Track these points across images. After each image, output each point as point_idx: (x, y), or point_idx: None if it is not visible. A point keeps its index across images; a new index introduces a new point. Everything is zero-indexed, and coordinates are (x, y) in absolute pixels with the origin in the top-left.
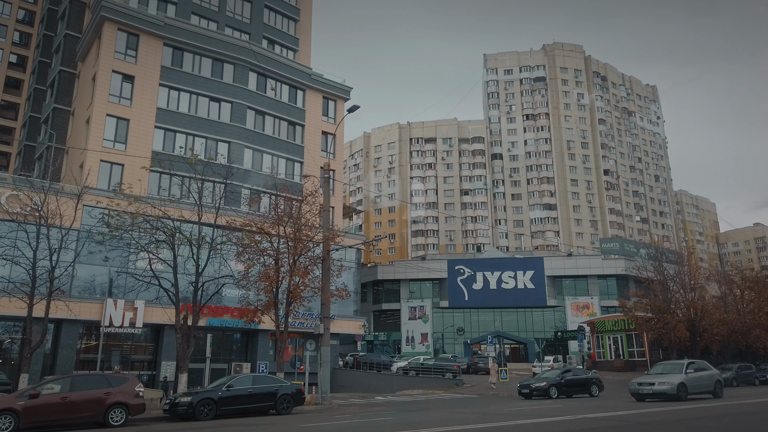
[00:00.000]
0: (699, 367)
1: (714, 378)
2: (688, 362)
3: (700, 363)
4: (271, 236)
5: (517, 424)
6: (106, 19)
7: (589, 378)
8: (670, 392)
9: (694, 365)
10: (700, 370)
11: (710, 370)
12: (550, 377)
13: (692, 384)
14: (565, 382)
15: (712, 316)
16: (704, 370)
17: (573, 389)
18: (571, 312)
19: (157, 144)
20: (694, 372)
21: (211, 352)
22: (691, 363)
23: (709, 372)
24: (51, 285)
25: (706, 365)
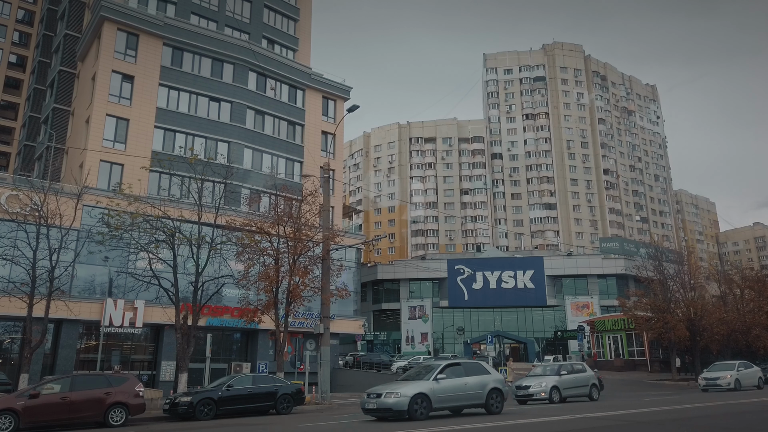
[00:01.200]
0: (576, 369)
1: (590, 381)
2: (561, 365)
3: (567, 365)
4: (271, 236)
5: (517, 424)
6: (105, 19)
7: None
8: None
9: (566, 367)
10: (576, 371)
11: (585, 372)
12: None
13: (565, 387)
14: None
15: (711, 315)
16: (579, 372)
17: None
18: (571, 311)
19: (157, 144)
20: (567, 374)
21: (211, 351)
22: (563, 365)
23: (584, 375)
24: (51, 285)
25: (583, 366)
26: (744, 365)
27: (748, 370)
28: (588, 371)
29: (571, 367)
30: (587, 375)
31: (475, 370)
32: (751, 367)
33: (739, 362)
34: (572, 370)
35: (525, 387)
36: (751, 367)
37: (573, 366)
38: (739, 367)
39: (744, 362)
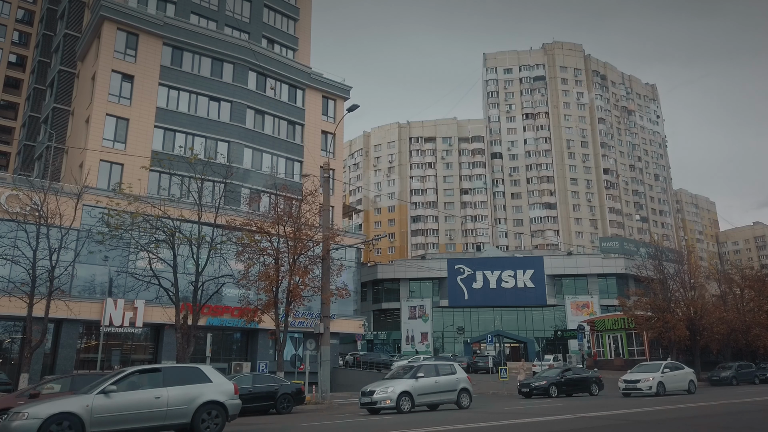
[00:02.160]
0: (441, 370)
1: (458, 385)
2: (421, 365)
3: None
4: (271, 235)
5: (517, 423)
6: (105, 19)
7: (588, 377)
8: None
9: None
10: (442, 373)
11: (454, 374)
12: (550, 376)
13: (422, 392)
14: (564, 381)
15: (711, 314)
16: (445, 374)
17: (573, 388)
18: (570, 311)
19: (157, 143)
20: (426, 377)
21: (211, 351)
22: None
23: (450, 378)
24: (51, 285)
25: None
26: (672, 366)
27: (676, 371)
28: (458, 373)
29: (435, 368)
30: (454, 378)
31: (446, 370)
32: (680, 368)
33: (666, 362)
34: (435, 372)
35: (369, 393)
36: (680, 369)
37: (438, 367)
38: (665, 369)
39: (673, 363)
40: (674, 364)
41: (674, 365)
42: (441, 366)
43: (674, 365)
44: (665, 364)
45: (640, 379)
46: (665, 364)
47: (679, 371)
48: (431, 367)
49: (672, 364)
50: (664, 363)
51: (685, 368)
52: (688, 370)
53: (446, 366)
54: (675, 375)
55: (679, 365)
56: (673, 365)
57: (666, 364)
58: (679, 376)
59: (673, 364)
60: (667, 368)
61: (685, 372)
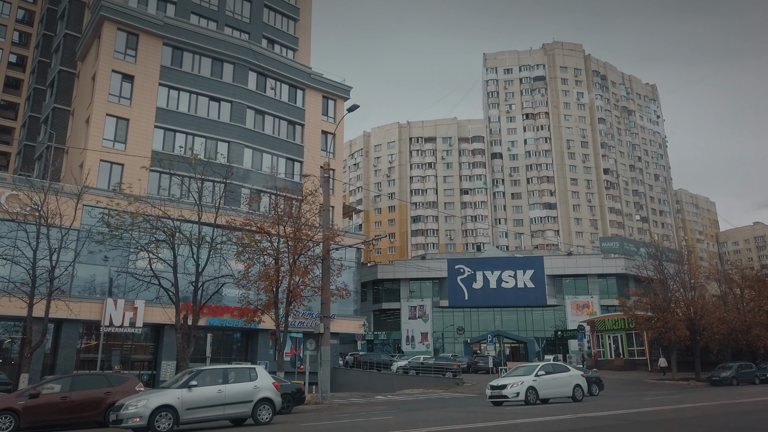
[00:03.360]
0: (233, 376)
1: (256, 395)
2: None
3: None
4: (271, 236)
5: (517, 423)
6: (105, 19)
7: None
8: None
9: None
10: (231, 380)
11: (253, 381)
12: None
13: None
14: None
15: (712, 314)
16: (236, 381)
17: None
18: (571, 311)
19: (157, 144)
20: (200, 386)
21: (212, 351)
22: None
23: (245, 385)
24: (51, 285)
25: None
26: (550, 368)
27: (556, 375)
28: (258, 381)
29: (223, 373)
30: (252, 386)
31: (240, 376)
32: (564, 370)
33: (543, 364)
34: (222, 379)
35: (118, 407)
36: (563, 371)
37: (227, 372)
38: (539, 371)
39: (555, 364)
40: (557, 365)
41: (556, 367)
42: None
43: (556, 367)
44: (542, 366)
45: (506, 384)
46: (542, 366)
47: (560, 374)
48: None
49: (553, 365)
50: (540, 364)
51: (570, 370)
52: (575, 373)
53: (239, 371)
54: (554, 379)
55: (562, 367)
56: (554, 367)
57: (543, 366)
58: (560, 380)
59: (554, 366)
60: (542, 370)
61: (569, 375)
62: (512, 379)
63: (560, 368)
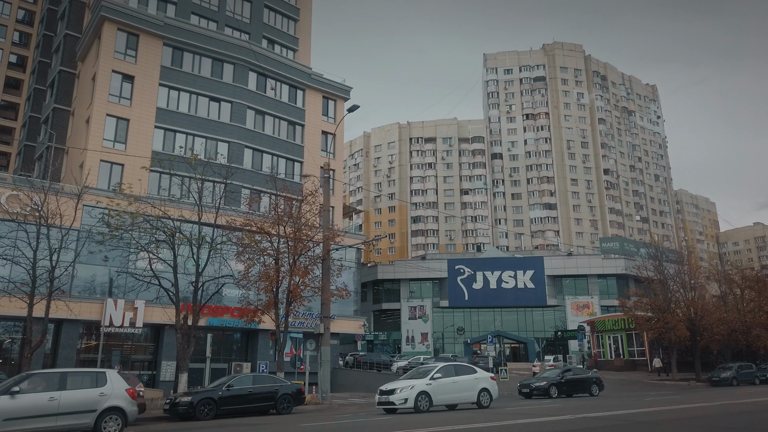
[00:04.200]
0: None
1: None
2: None
3: None
4: (271, 236)
5: (517, 423)
6: (105, 19)
7: (589, 377)
8: None
9: None
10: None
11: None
12: (551, 376)
13: None
14: (565, 382)
15: (712, 315)
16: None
17: (573, 389)
18: (571, 311)
19: (157, 144)
20: None
21: (212, 351)
22: None
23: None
24: (51, 285)
25: None
26: (452, 370)
27: (458, 378)
28: (107, 387)
29: (59, 378)
30: (97, 393)
31: (82, 381)
32: (470, 372)
33: (443, 365)
34: (59, 384)
35: None
36: (469, 373)
37: (64, 376)
38: (436, 374)
39: (456, 365)
40: (461, 366)
41: (459, 368)
42: None
43: (459, 368)
44: (441, 367)
45: (395, 389)
46: (441, 367)
47: (463, 377)
48: None
49: (456, 366)
50: (439, 365)
51: (477, 372)
52: (482, 375)
53: None
54: (454, 383)
55: (467, 368)
56: (456, 368)
57: (443, 367)
58: (462, 384)
59: (457, 367)
60: (440, 373)
61: (474, 378)
62: (403, 383)
63: (464, 370)
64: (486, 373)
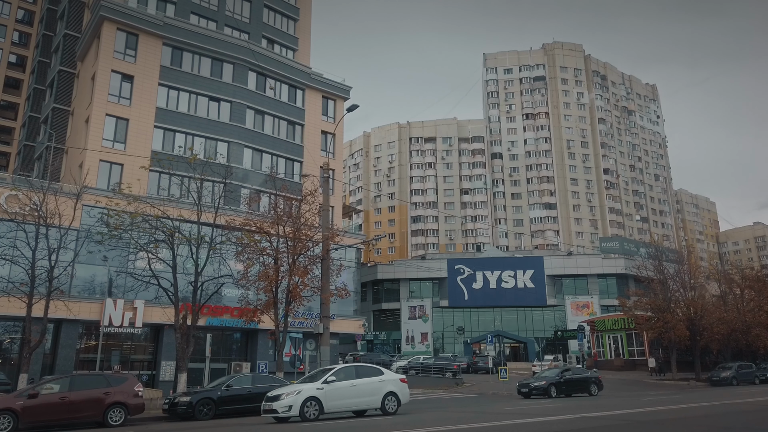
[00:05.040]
0: None
1: None
2: None
3: None
4: (271, 235)
5: (516, 423)
6: (105, 19)
7: (588, 377)
8: None
9: None
10: None
11: None
12: (550, 376)
13: None
14: (564, 381)
15: (712, 315)
16: None
17: (572, 388)
18: (571, 311)
19: (157, 144)
20: None
21: (211, 351)
22: None
23: None
24: (50, 285)
25: None
26: (352, 372)
27: (360, 380)
28: None
29: None
30: None
31: None
32: (374, 374)
33: (340, 367)
34: None
35: None
36: (373, 375)
37: None
38: (330, 377)
39: (358, 366)
40: (363, 368)
41: (361, 370)
42: None
43: (361, 370)
44: (337, 370)
45: (280, 394)
46: (337, 370)
47: (364, 380)
48: None
49: (357, 368)
50: (336, 367)
51: (384, 374)
52: (389, 378)
53: None
54: (353, 386)
55: (371, 370)
56: (358, 370)
57: (340, 369)
58: (363, 387)
59: (359, 369)
60: (335, 376)
61: (379, 381)
62: (289, 388)
63: (368, 371)
64: (395, 374)
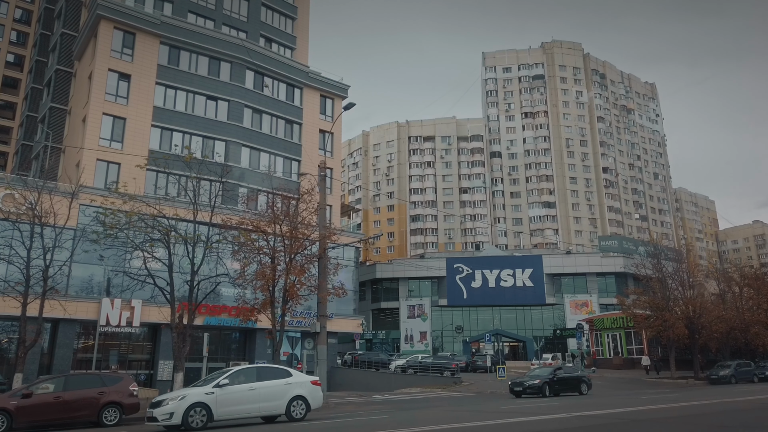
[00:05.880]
0: None
1: None
2: None
3: None
4: (267, 234)
5: (511, 422)
6: (102, 18)
7: (579, 376)
8: None
9: None
10: None
11: None
12: (543, 375)
13: None
14: (557, 380)
15: (710, 313)
16: None
17: (564, 387)
18: (569, 310)
19: (154, 143)
20: None
21: (210, 351)
22: None
23: None
24: (45, 284)
25: None
26: (252, 374)
27: (261, 383)
28: None
29: None
30: None
31: None
32: (280, 376)
33: (238, 369)
34: None
35: None
36: (279, 377)
37: None
38: (223, 380)
39: (260, 368)
40: (265, 369)
41: (263, 372)
42: None
43: (263, 372)
44: (234, 372)
45: (164, 399)
46: (234, 372)
47: (266, 383)
48: None
49: (258, 370)
50: (232, 370)
51: (292, 376)
52: (298, 380)
53: None
54: (251, 391)
55: (275, 371)
56: (259, 372)
57: (237, 372)
58: (264, 391)
59: (261, 371)
60: (228, 379)
61: (285, 384)
62: (174, 393)
63: (272, 373)
64: (305, 376)
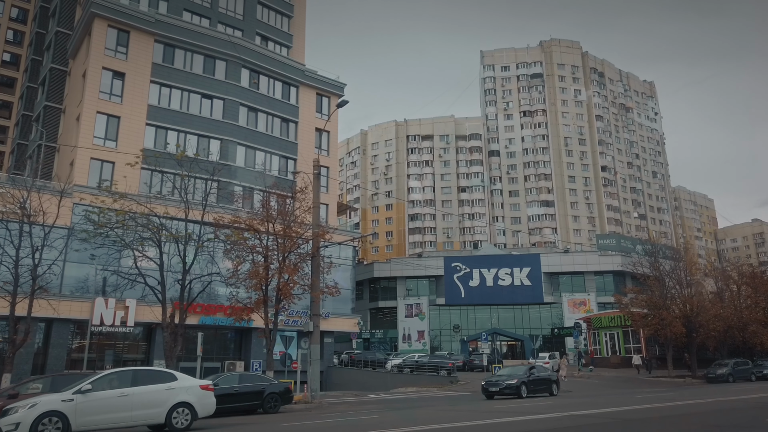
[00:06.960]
0: None
1: None
2: None
3: None
4: (260, 233)
5: (502, 422)
6: (96, 16)
7: (549, 377)
8: None
9: None
10: None
11: None
12: (519, 374)
13: None
14: (532, 380)
15: (708, 311)
16: None
17: (538, 388)
18: (567, 308)
19: (149, 141)
20: None
21: (205, 350)
22: None
23: None
24: (34, 283)
25: None
26: (126, 377)
27: (135, 389)
28: None
29: None
30: None
31: None
32: (162, 379)
33: (104, 373)
34: None
35: None
36: (158, 381)
37: None
38: (86, 386)
39: (136, 370)
40: (144, 373)
41: (140, 375)
42: None
43: (140, 375)
44: (102, 376)
45: (14, 407)
46: (102, 376)
47: (142, 388)
48: None
49: (132, 373)
50: (99, 374)
51: (177, 380)
52: (183, 385)
53: None
54: (122, 397)
55: (156, 375)
56: (135, 376)
57: (105, 376)
58: (139, 397)
59: (136, 374)
60: (92, 384)
61: (165, 389)
62: (25, 401)
63: (150, 377)
64: (192, 380)
